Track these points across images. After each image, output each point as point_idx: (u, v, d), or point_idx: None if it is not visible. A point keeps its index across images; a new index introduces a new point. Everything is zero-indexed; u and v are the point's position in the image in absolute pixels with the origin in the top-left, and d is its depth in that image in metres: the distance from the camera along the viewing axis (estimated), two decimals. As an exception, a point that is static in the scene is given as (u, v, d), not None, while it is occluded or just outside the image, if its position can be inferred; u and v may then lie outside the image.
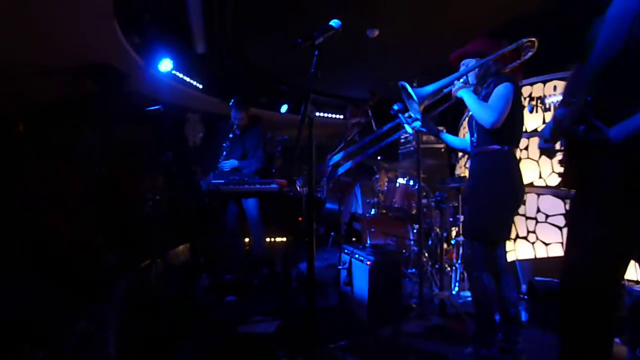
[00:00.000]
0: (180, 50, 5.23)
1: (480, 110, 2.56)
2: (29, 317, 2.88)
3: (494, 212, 2.60)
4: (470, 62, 2.79)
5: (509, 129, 2.58)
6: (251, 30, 5.59)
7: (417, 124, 2.95)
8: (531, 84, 4.84)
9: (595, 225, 1.56)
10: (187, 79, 6.07)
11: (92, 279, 4.14)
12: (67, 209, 4.58)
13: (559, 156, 1.80)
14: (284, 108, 7.55)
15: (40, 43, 4.45)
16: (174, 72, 5.58)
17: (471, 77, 2.79)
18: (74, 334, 2.84)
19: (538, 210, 4.63)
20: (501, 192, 2.60)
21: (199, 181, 4.33)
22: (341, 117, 8.80)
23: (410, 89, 2.52)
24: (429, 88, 2.58)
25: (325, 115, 8.73)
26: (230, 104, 4.65)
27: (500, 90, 2.56)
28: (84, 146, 6.08)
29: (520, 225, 4.86)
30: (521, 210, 4.86)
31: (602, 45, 1.51)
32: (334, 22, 2.14)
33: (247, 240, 5.34)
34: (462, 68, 2.83)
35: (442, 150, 6.24)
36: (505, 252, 2.69)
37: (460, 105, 2.84)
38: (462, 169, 5.98)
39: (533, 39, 2.62)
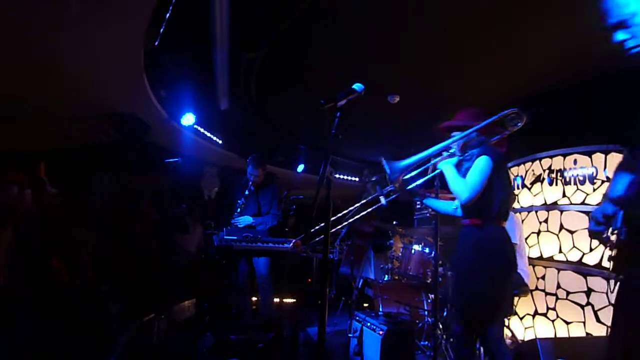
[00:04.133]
0: (203, 105, 5.34)
1: (456, 186, 2.58)
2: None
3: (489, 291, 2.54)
4: (457, 134, 2.78)
5: (486, 203, 2.55)
6: (274, 90, 5.72)
7: (384, 200, 2.88)
8: (551, 157, 4.80)
9: None
10: (208, 134, 6.17)
11: (93, 329, 4.02)
12: (72, 253, 4.53)
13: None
14: (300, 167, 7.59)
15: (72, 90, 4.60)
16: (195, 126, 5.69)
17: (455, 149, 2.76)
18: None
19: (558, 286, 4.45)
20: (491, 270, 2.52)
21: (211, 235, 4.28)
22: (357, 179, 8.80)
23: (384, 163, 2.57)
24: (406, 162, 2.60)
25: (341, 177, 8.75)
26: (248, 160, 4.69)
27: (478, 164, 2.55)
28: (99, 191, 6.12)
29: (539, 301, 4.66)
30: (540, 285, 4.67)
31: None
32: (357, 86, 2.17)
33: (254, 299, 5.20)
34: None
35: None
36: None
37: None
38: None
39: (516, 110, 2.63)
